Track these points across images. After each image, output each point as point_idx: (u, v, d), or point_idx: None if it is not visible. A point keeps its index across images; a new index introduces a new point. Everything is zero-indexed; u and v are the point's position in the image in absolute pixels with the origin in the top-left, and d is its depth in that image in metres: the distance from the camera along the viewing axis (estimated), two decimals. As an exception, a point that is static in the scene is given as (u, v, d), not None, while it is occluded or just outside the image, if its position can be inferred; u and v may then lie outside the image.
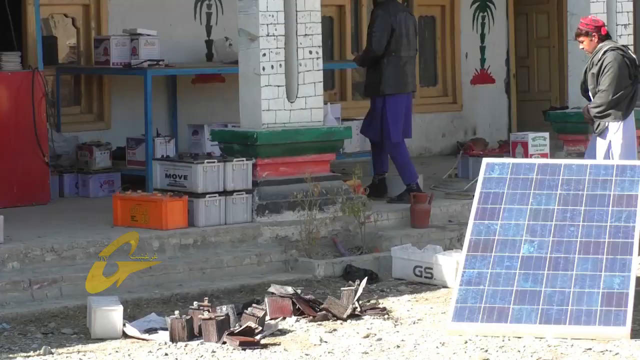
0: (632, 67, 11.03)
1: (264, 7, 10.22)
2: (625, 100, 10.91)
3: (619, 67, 10.88)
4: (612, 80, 10.87)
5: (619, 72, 10.87)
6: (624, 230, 8.35)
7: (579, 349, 7.46)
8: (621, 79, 10.89)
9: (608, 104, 10.88)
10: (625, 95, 10.90)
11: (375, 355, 7.38)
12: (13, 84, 10.81)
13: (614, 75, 10.87)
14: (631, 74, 10.97)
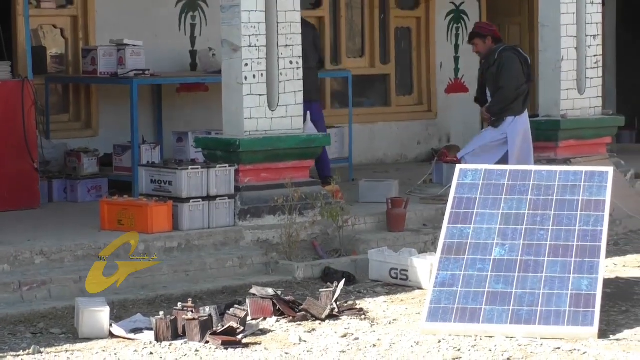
0: (526, 66, 11.25)
1: (246, 19, 10.23)
2: (521, 97, 11.10)
3: (515, 66, 11.05)
4: (510, 79, 11.08)
5: (515, 70, 11.04)
6: (592, 234, 8.39)
7: (548, 348, 7.49)
8: (517, 77, 11.06)
9: (507, 101, 11.06)
10: (522, 92, 11.08)
11: (352, 354, 7.40)
12: (3, 92, 10.79)
13: (511, 74, 11.07)
14: (525, 72, 11.15)
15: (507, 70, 11.24)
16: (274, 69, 10.45)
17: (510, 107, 11.26)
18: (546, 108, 12.64)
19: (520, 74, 11.28)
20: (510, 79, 11.24)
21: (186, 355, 7.34)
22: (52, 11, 12.62)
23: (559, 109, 12.51)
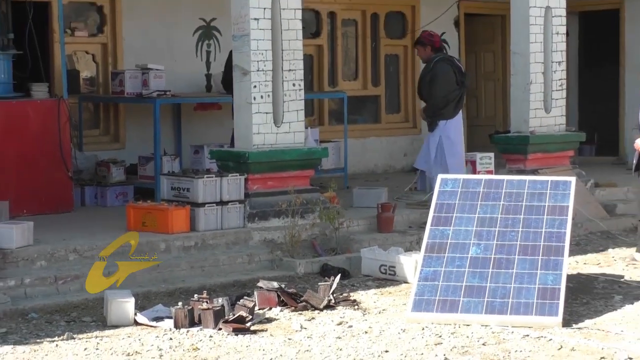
0: (459, 75, 11.27)
1: (255, 47, 10.23)
2: (452, 102, 11.15)
3: (446, 75, 11.07)
4: (439, 86, 11.10)
5: (445, 79, 11.05)
6: (556, 236, 8.40)
7: (518, 335, 7.49)
8: (448, 85, 11.13)
9: (437, 106, 11.11)
10: (452, 98, 11.18)
11: (346, 339, 7.40)
12: (42, 110, 10.80)
13: (442, 83, 11.08)
14: (458, 80, 11.17)
15: (438, 79, 11.26)
16: (279, 90, 10.44)
17: (441, 112, 11.28)
18: (517, 125, 12.64)
19: (451, 82, 11.28)
20: (440, 88, 11.25)
21: (201, 340, 7.34)
22: (84, 39, 12.64)
23: (528, 126, 12.51)
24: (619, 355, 6.98)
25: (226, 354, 7.04)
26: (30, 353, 7.02)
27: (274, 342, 7.31)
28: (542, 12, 12.55)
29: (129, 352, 7.07)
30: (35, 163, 10.65)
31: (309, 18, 13.95)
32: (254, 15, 10.22)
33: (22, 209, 10.01)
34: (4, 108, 10.57)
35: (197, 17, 13.06)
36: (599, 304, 8.47)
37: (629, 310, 8.28)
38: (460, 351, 7.09)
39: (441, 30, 15.43)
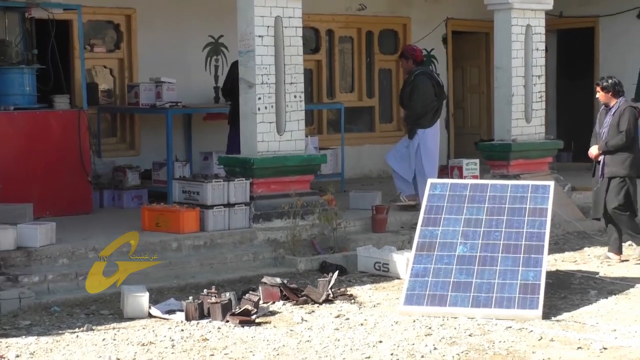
0: (437, 87, 11.30)
1: (260, 62, 10.24)
2: (430, 113, 11.17)
3: (425, 88, 11.10)
4: (418, 98, 11.18)
5: (424, 91, 11.09)
6: (536, 235, 8.40)
7: (501, 327, 7.49)
8: (426, 97, 11.16)
9: (417, 115, 11.12)
10: (431, 109, 11.21)
11: (344, 331, 7.40)
12: (63, 120, 10.80)
13: (419, 94, 11.11)
14: (436, 93, 11.20)
15: (417, 91, 11.28)
16: (281, 102, 10.44)
17: (420, 122, 11.29)
18: (500, 134, 12.65)
19: (430, 94, 11.29)
20: (419, 99, 11.27)
21: (210, 332, 7.34)
22: (102, 54, 12.65)
23: (510, 135, 12.52)
24: (594, 345, 6.98)
25: (233, 344, 7.04)
26: (52, 343, 7.02)
27: (277, 333, 7.31)
28: (523, 30, 12.56)
29: (143, 342, 7.07)
30: (57, 168, 10.65)
31: (309, 35, 13.96)
32: (258, 32, 10.22)
33: (45, 210, 10.01)
34: (29, 118, 10.57)
35: (206, 35, 13.08)
36: (575, 298, 8.48)
37: (603, 304, 8.29)
38: (449, 341, 7.09)
39: (430, 47, 15.52)
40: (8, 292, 7.99)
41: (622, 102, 9.96)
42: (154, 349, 6.91)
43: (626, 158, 9.84)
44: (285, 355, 6.75)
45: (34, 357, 6.69)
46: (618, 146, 9.85)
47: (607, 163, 9.91)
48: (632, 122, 9.84)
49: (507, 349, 6.92)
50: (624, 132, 9.80)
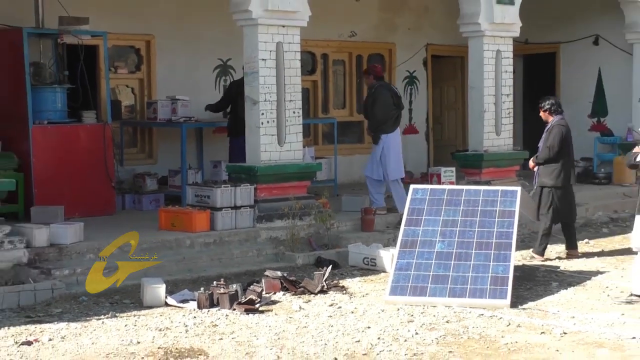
0: (396, 98, 11.43)
1: (263, 82, 10.25)
2: (390, 120, 11.25)
3: (384, 98, 11.22)
4: (379, 107, 11.29)
5: (384, 101, 11.23)
6: (505, 234, 8.43)
7: (475, 314, 7.51)
8: (387, 106, 11.27)
9: (379, 122, 11.22)
10: (390, 117, 11.30)
11: (337, 318, 7.41)
12: (91, 132, 10.80)
13: (380, 104, 11.23)
14: (395, 103, 11.28)
15: (378, 102, 11.33)
16: (282, 117, 10.46)
17: (381, 128, 11.33)
18: (474, 145, 12.67)
19: (389, 104, 11.34)
20: (379, 108, 11.32)
21: (219, 318, 7.35)
22: (125, 75, 12.65)
23: (482, 146, 12.54)
24: (555, 330, 7.00)
25: (239, 329, 7.05)
26: (81, 329, 7.03)
27: (278, 320, 7.32)
28: (493, 55, 12.59)
29: (160, 327, 7.08)
30: (85, 175, 10.64)
31: (306, 58, 13.97)
32: (262, 56, 10.24)
33: (74, 212, 10.01)
34: (60, 131, 10.57)
35: (216, 58, 13.08)
36: (539, 289, 8.50)
37: (563, 294, 8.31)
38: (428, 327, 7.11)
39: (413, 69, 15.56)
40: (42, 284, 8.00)
41: (555, 121, 10.05)
42: (170, 333, 6.92)
43: (554, 170, 9.90)
44: (285, 339, 6.76)
45: (65, 341, 6.70)
46: (544, 159, 9.95)
47: (539, 174, 10.05)
48: (558, 138, 9.86)
49: (480, 334, 6.93)
50: (548, 147, 9.88)
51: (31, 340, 6.68)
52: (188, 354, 6.38)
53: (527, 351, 6.49)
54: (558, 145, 9.85)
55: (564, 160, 9.90)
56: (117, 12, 11.86)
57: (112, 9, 11.78)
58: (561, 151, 9.88)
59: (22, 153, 10.21)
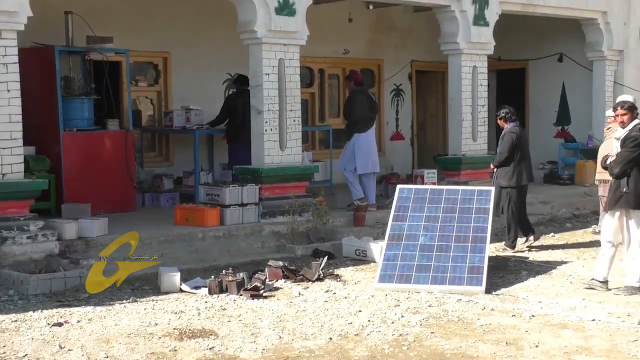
0: (370, 103, 11.47)
1: (267, 94, 10.26)
2: (364, 121, 11.27)
3: (360, 102, 11.29)
4: (354, 109, 11.28)
5: (358, 105, 11.26)
6: (481, 229, 8.44)
7: (454, 299, 7.52)
8: (362, 109, 11.29)
9: (353, 122, 11.30)
10: (364, 118, 11.29)
11: (332, 302, 7.41)
12: (114, 138, 10.80)
13: (355, 106, 11.31)
14: (370, 107, 11.38)
15: (355, 105, 11.40)
16: (283, 125, 10.46)
17: (355, 127, 11.35)
18: (453, 150, 12.68)
19: (364, 107, 11.38)
20: (355, 111, 11.36)
21: (227, 303, 7.35)
22: (145, 88, 12.63)
23: (460, 151, 12.56)
24: (525, 314, 7.01)
25: (245, 312, 7.05)
26: (105, 312, 7.02)
27: (280, 304, 7.32)
28: (470, 70, 12.61)
29: (176, 311, 7.07)
30: (109, 176, 10.63)
31: (305, 73, 13.94)
32: (266, 71, 10.24)
33: (99, 209, 10.00)
34: (87, 137, 10.57)
35: (224, 72, 13.06)
36: (510, 277, 8.51)
37: (532, 282, 8.32)
38: (413, 311, 7.11)
39: (399, 82, 15.55)
40: (71, 272, 7.98)
41: (507, 128, 10.11)
42: (184, 316, 6.92)
43: (507, 172, 9.93)
44: (286, 322, 6.76)
45: (91, 323, 6.69)
46: (498, 163, 10.00)
47: (497, 175, 10.05)
48: (508, 145, 9.87)
49: (458, 317, 6.94)
50: (500, 153, 9.96)
51: (61, 321, 6.68)
52: (200, 334, 6.38)
53: (499, 332, 6.50)
54: (508, 151, 9.88)
55: (515, 163, 9.91)
56: (137, 32, 11.85)
57: (133, 29, 11.77)
58: (512, 156, 9.88)
59: (54, 156, 10.20)
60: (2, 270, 7.98)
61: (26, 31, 8.65)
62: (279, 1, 10.23)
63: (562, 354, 5.97)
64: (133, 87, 11.95)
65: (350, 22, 14.29)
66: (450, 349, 6.06)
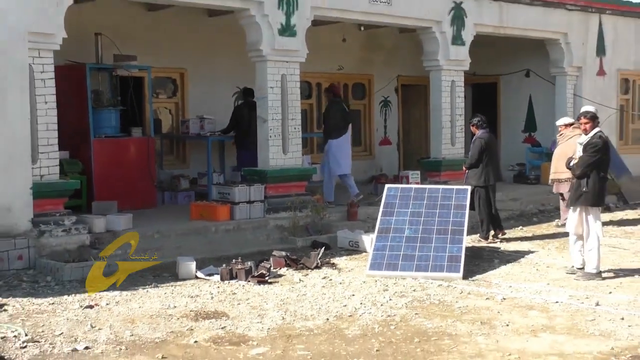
0: (345, 113, 11.42)
1: (271, 105, 10.28)
2: (337, 129, 11.24)
3: (335, 112, 11.29)
4: (331, 119, 11.30)
5: (334, 114, 11.27)
6: (459, 222, 8.46)
7: (435, 284, 7.52)
8: (336, 119, 11.29)
9: (328, 130, 11.31)
10: (338, 127, 11.26)
11: (328, 287, 7.42)
12: (137, 144, 10.79)
13: (331, 116, 11.29)
14: (344, 116, 11.35)
15: (330, 114, 11.42)
16: (285, 132, 10.47)
17: (330, 134, 11.36)
18: (434, 153, 12.68)
19: (338, 117, 11.38)
20: (330, 120, 11.35)
21: (237, 288, 7.35)
22: (164, 99, 12.62)
23: (441, 154, 12.56)
24: (497, 297, 7.02)
25: (253, 296, 7.05)
26: (130, 295, 7.02)
27: (283, 289, 7.33)
28: (449, 84, 12.62)
29: (192, 295, 7.08)
30: (133, 177, 10.64)
31: (304, 86, 13.93)
32: (270, 85, 10.27)
33: (125, 205, 10.00)
34: (115, 143, 10.57)
35: (234, 86, 13.05)
36: (485, 265, 8.51)
37: (503, 269, 8.33)
38: (399, 295, 7.12)
39: (387, 95, 15.54)
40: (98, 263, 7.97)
41: (478, 134, 10.16)
42: (199, 299, 6.93)
43: (476, 173, 9.98)
44: (288, 304, 6.76)
45: (118, 305, 6.70)
46: (468, 165, 10.04)
47: (467, 176, 10.09)
48: (477, 149, 9.91)
49: (439, 300, 6.95)
50: (470, 156, 10.01)
51: (92, 304, 6.68)
52: (213, 316, 6.39)
53: (475, 313, 6.51)
54: (477, 155, 9.91)
55: (483, 165, 9.94)
56: (158, 51, 11.85)
57: (154, 48, 11.77)
58: (480, 159, 9.92)
59: (85, 160, 10.20)
60: (40, 260, 7.99)
61: (61, 51, 8.66)
62: (282, 24, 10.24)
63: (529, 331, 5.98)
64: (154, 99, 11.96)
65: (344, 42, 14.29)
66: (432, 327, 6.07)
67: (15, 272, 7.79)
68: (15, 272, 7.79)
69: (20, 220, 8.11)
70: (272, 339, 5.77)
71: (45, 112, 8.41)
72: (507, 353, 5.47)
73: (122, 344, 5.64)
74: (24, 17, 8.11)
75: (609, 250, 9.07)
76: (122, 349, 5.54)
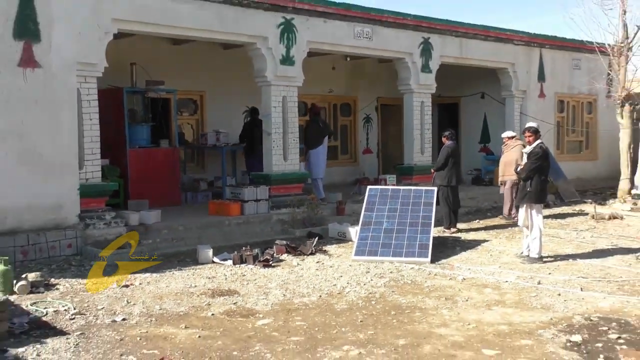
0: (321, 128, 11.36)
1: (274, 121, 10.27)
2: (313, 142, 11.22)
3: (313, 127, 11.28)
4: (311, 132, 11.27)
5: (313, 129, 11.25)
6: (427, 217, 8.47)
7: (408, 267, 7.52)
8: (315, 132, 11.26)
9: (308, 142, 11.24)
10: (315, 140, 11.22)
11: (321, 270, 7.41)
12: (165, 153, 10.75)
13: (311, 130, 11.26)
14: (320, 131, 11.30)
15: (310, 129, 11.42)
16: (286, 143, 10.45)
17: (309, 145, 11.36)
18: (407, 160, 12.67)
19: (317, 131, 11.33)
20: (310, 133, 11.33)
21: (246, 271, 7.34)
22: (187, 116, 12.59)
23: (413, 161, 12.56)
24: (459, 277, 7.03)
25: (259, 277, 7.04)
26: (159, 277, 7.01)
27: (284, 272, 7.32)
28: (419, 104, 12.62)
29: (209, 276, 7.07)
30: (161, 179, 10.60)
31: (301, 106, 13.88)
32: (273, 105, 10.26)
33: (155, 203, 9.96)
34: (146, 152, 10.52)
35: (244, 105, 13.02)
36: (448, 252, 8.52)
37: (463, 255, 8.34)
38: (379, 276, 7.12)
39: (369, 113, 15.55)
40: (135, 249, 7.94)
41: (446, 144, 10.21)
42: (216, 280, 6.92)
43: (442, 175, 10.03)
44: (288, 284, 6.76)
45: (149, 285, 6.69)
46: (436, 168, 10.09)
47: (435, 177, 10.12)
48: (444, 156, 9.95)
49: (411, 280, 6.96)
50: (438, 161, 10.07)
51: (128, 284, 6.66)
52: (227, 293, 6.38)
53: (441, 290, 6.52)
54: (444, 160, 9.96)
55: (448, 169, 9.99)
56: (182, 77, 11.83)
57: (179, 75, 11.76)
58: (446, 163, 9.96)
59: (122, 166, 10.17)
60: (86, 247, 7.96)
61: (103, 77, 8.66)
62: (283, 55, 10.25)
63: (485, 305, 6.00)
64: (179, 116, 11.93)
65: (334, 69, 14.32)
66: (405, 302, 6.08)
67: (65, 258, 7.77)
68: (65, 258, 7.77)
69: (70, 216, 8.10)
70: (275, 312, 5.77)
71: (90, 127, 8.41)
72: (466, 323, 5.49)
73: (152, 316, 5.64)
74: (74, 50, 8.14)
75: (548, 239, 9.10)
76: (152, 320, 5.54)
